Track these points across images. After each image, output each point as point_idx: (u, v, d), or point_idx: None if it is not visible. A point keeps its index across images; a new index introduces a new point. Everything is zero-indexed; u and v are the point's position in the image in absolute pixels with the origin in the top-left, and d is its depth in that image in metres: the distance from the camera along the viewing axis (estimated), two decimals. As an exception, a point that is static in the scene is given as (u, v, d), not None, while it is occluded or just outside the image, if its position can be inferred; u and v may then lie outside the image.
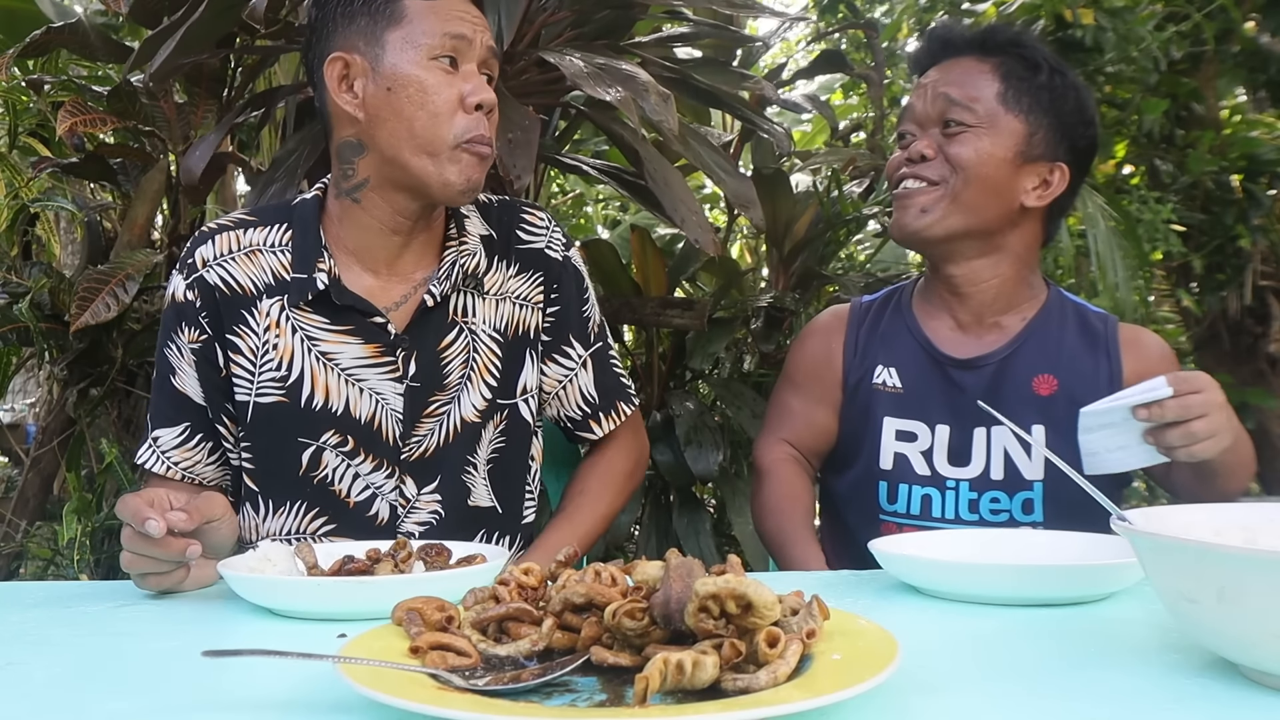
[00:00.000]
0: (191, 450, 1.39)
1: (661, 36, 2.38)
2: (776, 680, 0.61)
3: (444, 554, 1.02)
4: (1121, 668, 0.74)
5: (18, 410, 4.52)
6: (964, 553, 1.10)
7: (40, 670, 0.78)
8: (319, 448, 1.35)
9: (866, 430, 1.54)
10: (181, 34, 1.73)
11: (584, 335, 1.49)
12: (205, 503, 1.07)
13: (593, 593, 0.70)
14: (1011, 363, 1.51)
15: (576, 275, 1.49)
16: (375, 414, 1.35)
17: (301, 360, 1.34)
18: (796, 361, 1.67)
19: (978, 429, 1.49)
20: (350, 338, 1.35)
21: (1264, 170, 3.41)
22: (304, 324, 1.35)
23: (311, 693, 0.68)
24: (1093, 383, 1.50)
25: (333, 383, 1.34)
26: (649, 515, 2.69)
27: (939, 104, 1.49)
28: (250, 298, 1.36)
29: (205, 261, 1.37)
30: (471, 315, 1.40)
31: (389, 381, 1.35)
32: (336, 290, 1.33)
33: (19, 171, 3.01)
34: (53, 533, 2.54)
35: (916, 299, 1.62)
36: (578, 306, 1.48)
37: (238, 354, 1.35)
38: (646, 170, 1.93)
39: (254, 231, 1.39)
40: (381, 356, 1.35)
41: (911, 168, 1.50)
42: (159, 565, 1.04)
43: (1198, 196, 3.37)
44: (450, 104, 1.28)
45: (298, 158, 1.95)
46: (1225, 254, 3.45)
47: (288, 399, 1.34)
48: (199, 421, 1.39)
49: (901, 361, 1.55)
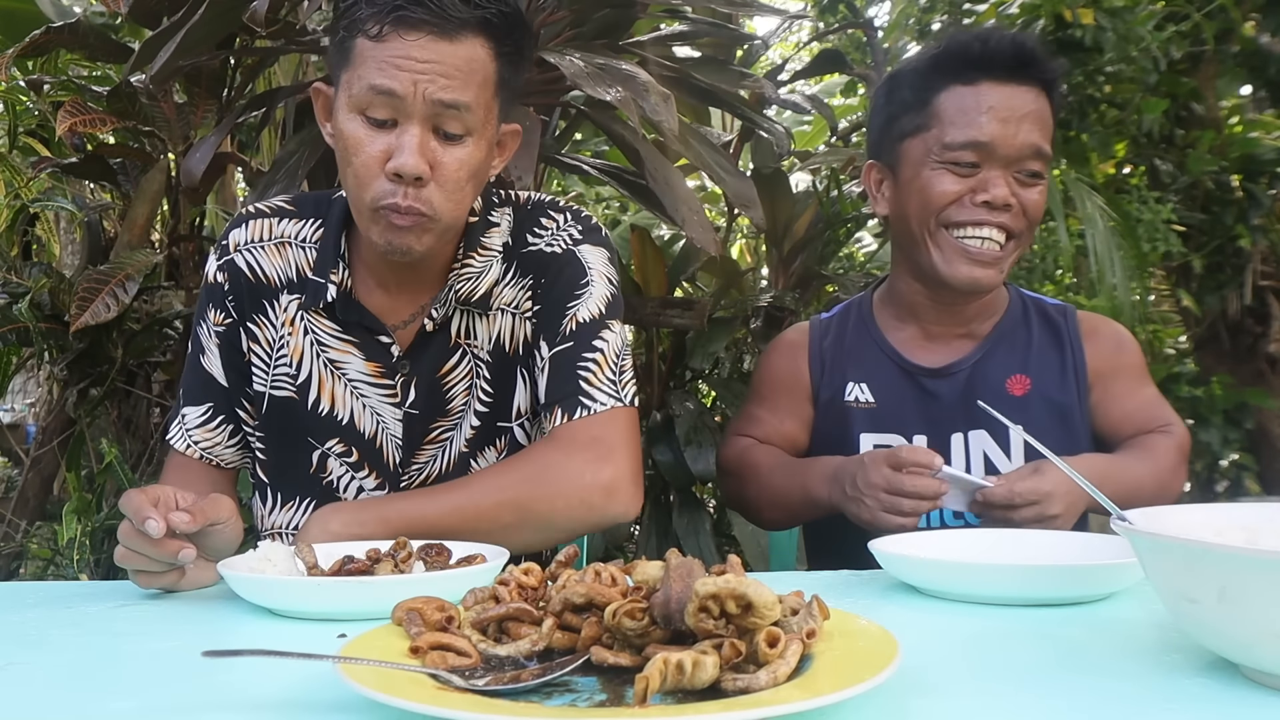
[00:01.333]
0: (213, 431, 1.36)
1: (660, 35, 2.38)
2: (776, 680, 0.61)
3: (444, 554, 1.02)
4: (1121, 668, 0.74)
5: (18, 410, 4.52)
6: (964, 552, 1.10)
7: (40, 670, 0.78)
8: (324, 453, 1.33)
9: (843, 447, 1.50)
10: (182, 35, 1.74)
11: (553, 333, 1.29)
12: (211, 505, 1.04)
13: (593, 593, 0.70)
14: (984, 367, 1.50)
15: (575, 269, 1.31)
16: (377, 434, 1.32)
17: (310, 364, 1.32)
18: (762, 376, 1.64)
19: (955, 435, 1.48)
20: (355, 350, 1.31)
21: (1264, 170, 3.41)
22: (315, 328, 1.31)
23: (311, 693, 0.68)
24: (1059, 377, 1.51)
25: (339, 391, 1.31)
26: (649, 515, 2.69)
27: (1027, 148, 1.40)
28: (273, 289, 1.32)
29: (237, 245, 1.34)
30: (473, 336, 1.32)
31: (388, 405, 1.31)
32: (344, 303, 1.29)
33: (19, 171, 3.01)
34: (53, 533, 2.54)
35: (878, 309, 1.59)
36: (561, 302, 1.30)
37: (255, 343, 1.33)
38: (647, 170, 1.93)
39: (288, 223, 1.34)
40: (381, 377, 1.31)
41: (992, 215, 1.40)
42: (151, 564, 1.01)
43: (1198, 196, 3.37)
44: (369, 166, 1.17)
45: (298, 158, 1.95)
46: (1225, 254, 3.45)
47: (298, 397, 1.32)
48: (222, 402, 1.36)
49: (872, 376, 1.53)
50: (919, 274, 1.50)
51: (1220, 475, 4.07)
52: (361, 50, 1.16)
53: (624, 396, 1.27)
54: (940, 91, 1.43)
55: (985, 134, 1.39)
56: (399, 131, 1.16)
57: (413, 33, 1.14)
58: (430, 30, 1.14)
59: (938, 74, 1.44)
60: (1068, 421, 1.50)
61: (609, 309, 1.31)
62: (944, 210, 1.42)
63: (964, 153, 1.40)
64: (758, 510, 1.58)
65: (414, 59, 1.14)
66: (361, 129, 1.16)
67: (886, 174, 1.52)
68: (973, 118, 1.40)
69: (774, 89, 2.43)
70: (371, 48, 1.15)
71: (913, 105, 1.46)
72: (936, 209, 1.43)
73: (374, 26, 1.14)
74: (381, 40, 1.14)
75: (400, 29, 1.14)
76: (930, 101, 1.43)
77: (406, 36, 1.14)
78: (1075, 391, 1.51)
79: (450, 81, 1.15)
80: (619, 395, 1.26)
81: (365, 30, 1.15)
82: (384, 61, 1.14)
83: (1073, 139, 3.23)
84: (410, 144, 1.15)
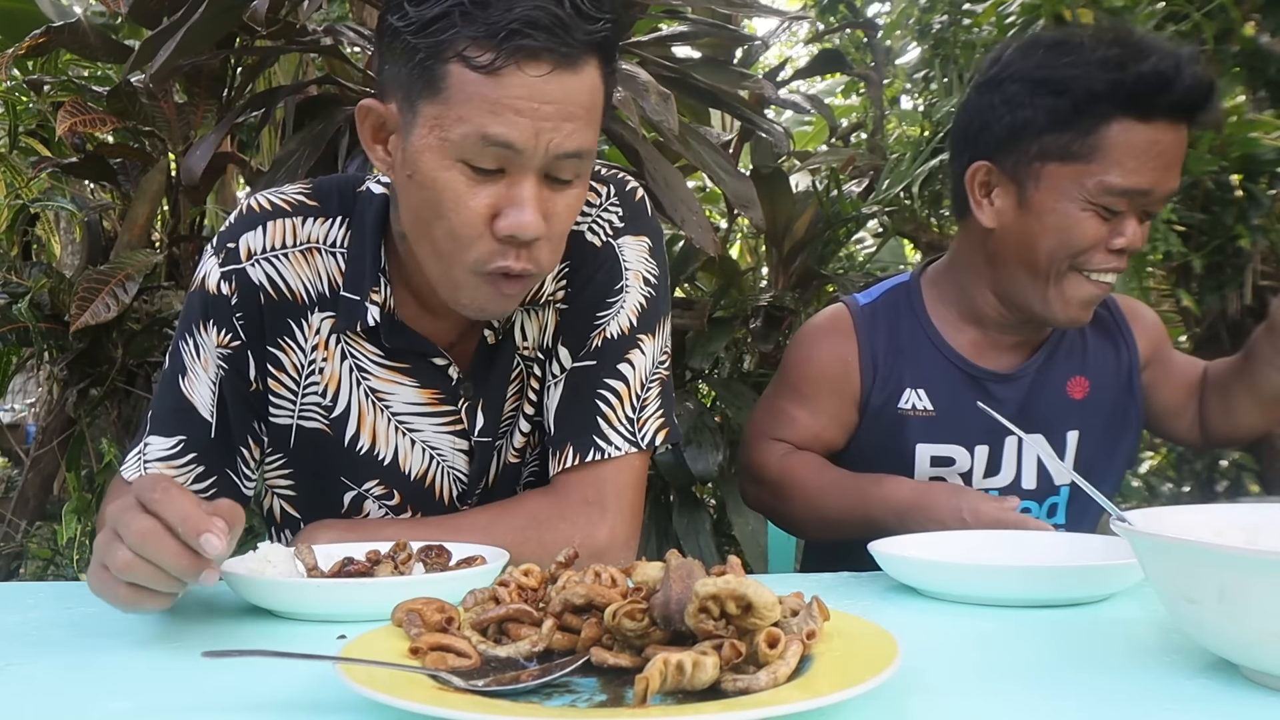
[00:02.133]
0: (177, 469, 1.14)
1: (660, 36, 2.38)
2: (776, 681, 0.61)
3: (444, 555, 1.02)
4: (1121, 668, 0.74)
5: (18, 410, 4.52)
6: (962, 554, 1.10)
7: (40, 670, 0.77)
8: (360, 494, 1.18)
9: (896, 457, 1.39)
10: (182, 34, 1.73)
11: (577, 343, 1.16)
12: (232, 511, 0.82)
13: (593, 594, 0.70)
14: (1047, 371, 1.43)
15: (610, 269, 1.16)
16: (429, 472, 1.17)
17: (349, 394, 1.14)
18: (803, 370, 1.46)
19: (1009, 438, 1.41)
20: (404, 378, 1.14)
21: (1264, 170, 3.41)
22: (355, 351, 1.14)
23: (311, 693, 0.68)
24: (1114, 372, 1.47)
25: (381, 427, 1.15)
26: (649, 515, 2.69)
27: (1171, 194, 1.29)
28: (301, 307, 1.13)
29: (251, 253, 1.12)
30: (524, 339, 1.17)
31: (447, 435, 1.16)
32: (389, 327, 1.12)
33: (19, 171, 3.01)
34: (53, 533, 2.55)
35: (932, 306, 1.45)
36: (591, 310, 1.16)
37: (280, 370, 1.14)
38: (646, 170, 1.93)
39: (313, 223, 1.14)
40: (439, 404, 1.15)
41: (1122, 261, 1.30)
42: (166, 582, 0.79)
43: (1198, 196, 3.37)
44: (473, 224, 0.98)
45: (298, 158, 1.95)
46: (1225, 254, 3.45)
47: (331, 432, 1.16)
48: (197, 439, 1.14)
49: (930, 381, 1.41)
50: (1011, 299, 1.38)
51: (1220, 475, 4.07)
52: (462, 83, 0.94)
53: (641, 438, 1.15)
54: (1110, 122, 1.25)
55: (1149, 181, 1.26)
56: (509, 183, 0.97)
57: (535, 66, 0.93)
58: (554, 62, 0.94)
59: (1112, 101, 1.25)
60: (1125, 417, 1.48)
61: (641, 320, 1.17)
62: (1082, 255, 1.29)
63: (1122, 199, 1.27)
64: (802, 528, 1.49)
65: (537, 100, 0.94)
66: (462, 180, 0.97)
67: (1005, 185, 1.34)
68: (1144, 162, 1.25)
69: (774, 89, 2.44)
70: (479, 83, 0.93)
71: (1071, 125, 1.27)
72: (1075, 252, 1.29)
73: (482, 54, 0.93)
74: (495, 74, 0.93)
75: (520, 60, 0.93)
76: (1096, 130, 1.25)
77: (527, 70, 0.93)
78: (1130, 382, 1.48)
79: (574, 126, 0.97)
80: (635, 438, 1.14)
81: (467, 57, 0.93)
82: (499, 103, 0.93)
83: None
84: (529, 202, 0.97)
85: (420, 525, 1.14)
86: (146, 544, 0.77)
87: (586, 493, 1.13)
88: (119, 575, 0.79)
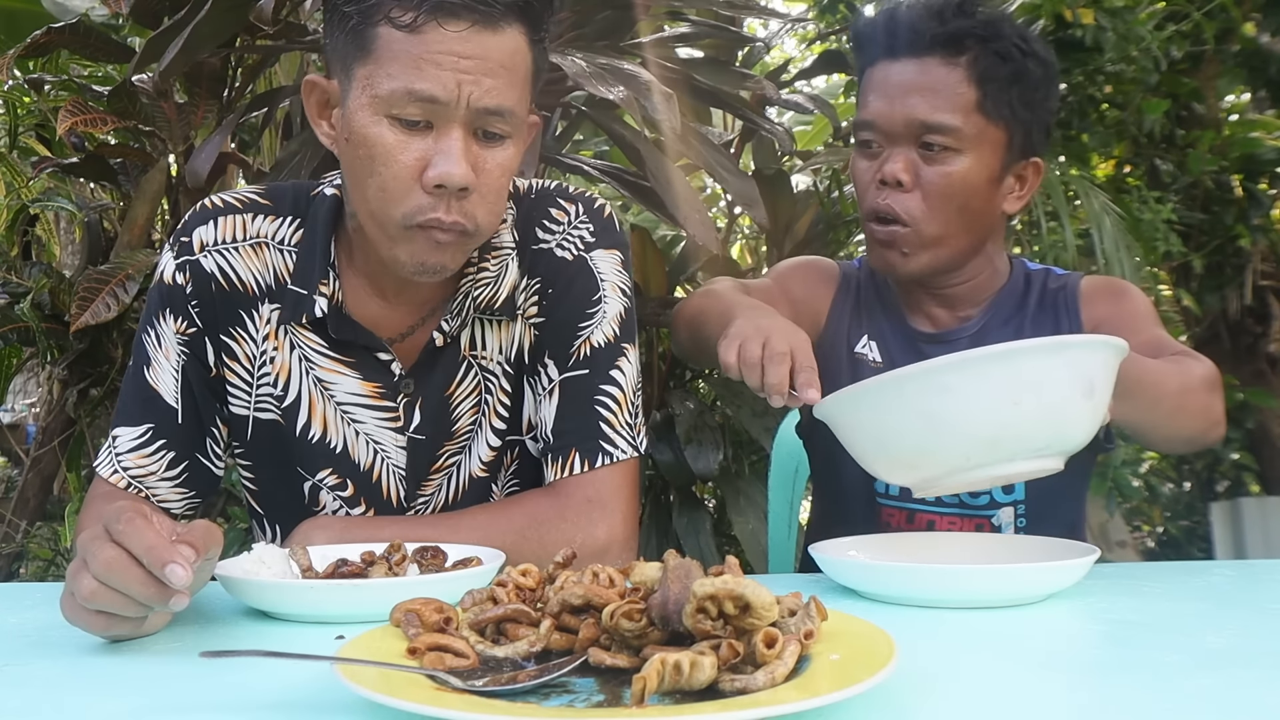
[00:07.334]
0: (149, 458, 1.17)
1: (663, 37, 2.38)
2: (774, 681, 0.61)
3: (439, 557, 1.02)
4: (1120, 668, 0.74)
5: (18, 410, 4.52)
6: (899, 557, 1.12)
7: (40, 670, 0.78)
8: (315, 485, 1.20)
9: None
10: (189, 31, 1.73)
11: (563, 355, 1.18)
12: (207, 535, 0.82)
13: (590, 594, 0.70)
14: (982, 338, 1.45)
15: (586, 281, 1.20)
16: (375, 465, 1.20)
17: (299, 383, 1.18)
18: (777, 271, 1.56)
19: None
20: (348, 370, 1.18)
21: (1264, 170, 3.41)
22: (301, 342, 1.17)
23: (309, 694, 0.68)
24: None
25: (330, 415, 1.18)
26: (649, 515, 2.69)
27: (914, 124, 1.33)
28: (251, 298, 1.18)
29: (203, 244, 1.17)
30: (482, 348, 1.19)
31: (388, 430, 1.19)
32: (336, 320, 1.15)
33: (19, 171, 3.01)
34: (53, 533, 2.55)
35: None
36: (572, 321, 1.19)
37: (233, 360, 1.19)
38: (649, 170, 1.93)
39: (264, 220, 1.19)
40: (380, 399, 1.18)
41: (886, 195, 1.35)
42: (133, 608, 0.79)
43: (1198, 196, 3.37)
44: (403, 177, 1.03)
45: (300, 159, 1.95)
46: (1225, 254, 3.45)
47: (284, 421, 1.19)
48: (164, 425, 1.18)
49: (881, 336, 1.50)
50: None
51: (1220, 475, 4.08)
52: (387, 42, 1.01)
53: (640, 443, 1.19)
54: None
55: (875, 118, 1.37)
56: (437, 135, 1.02)
57: (454, 23, 1.00)
58: (473, 20, 1.00)
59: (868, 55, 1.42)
60: None
61: (624, 329, 1.21)
62: (866, 201, 1.40)
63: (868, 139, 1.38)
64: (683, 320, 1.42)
65: (456, 54, 1.00)
66: (390, 134, 1.02)
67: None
68: (869, 101, 1.38)
69: (776, 90, 2.44)
70: (402, 40, 1.00)
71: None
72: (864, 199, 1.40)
73: (405, 14, 1.00)
74: (416, 31, 0.99)
75: (439, 18, 0.99)
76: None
77: (447, 27, 1.00)
78: None
79: (496, 83, 1.02)
80: (635, 442, 1.18)
81: (392, 18, 1.00)
82: (420, 58, 1.00)
83: (1073, 139, 3.23)
84: (455, 151, 1.02)
85: (419, 524, 1.16)
86: (112, 574, 0.78)
87: (587, 493, 1.15)
88: (84, 604, 0.79)
